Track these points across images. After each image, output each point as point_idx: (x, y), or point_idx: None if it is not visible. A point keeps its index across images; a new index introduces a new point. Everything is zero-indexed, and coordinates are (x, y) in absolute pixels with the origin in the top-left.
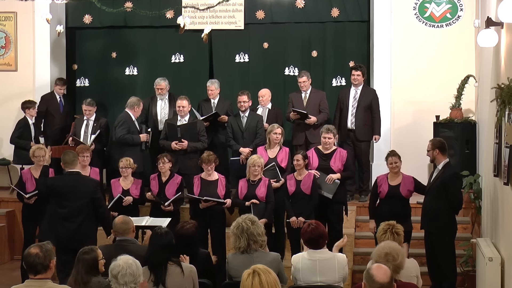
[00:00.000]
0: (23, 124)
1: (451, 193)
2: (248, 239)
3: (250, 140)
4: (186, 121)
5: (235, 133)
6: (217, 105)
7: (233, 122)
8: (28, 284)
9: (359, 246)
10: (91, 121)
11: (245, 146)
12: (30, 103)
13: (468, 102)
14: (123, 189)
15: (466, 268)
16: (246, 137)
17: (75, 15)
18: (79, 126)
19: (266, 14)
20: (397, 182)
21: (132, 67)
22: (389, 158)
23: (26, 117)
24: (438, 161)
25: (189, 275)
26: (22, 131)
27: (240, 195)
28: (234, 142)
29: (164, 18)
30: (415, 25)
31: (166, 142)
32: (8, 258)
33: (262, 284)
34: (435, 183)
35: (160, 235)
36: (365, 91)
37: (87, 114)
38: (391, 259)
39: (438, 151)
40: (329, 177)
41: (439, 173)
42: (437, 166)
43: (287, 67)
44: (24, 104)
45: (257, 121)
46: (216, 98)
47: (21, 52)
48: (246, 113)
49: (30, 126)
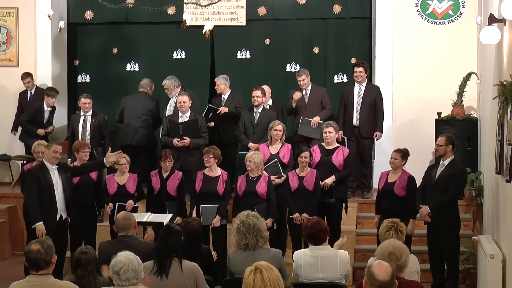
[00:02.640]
0: (37, 109)
1: (454, 185)
2: (256, 235)
3: (261, 136)
4: (187, 117)
5: (247, 128)
6: (227, 100)
7: (246, 117)
8: (30, 280)
9: (360, 243)
10: (88, 116)
11: (255, 142)
12: (52, 90)
13: (470, 99)
14: (119, 184)
15: (467, 265)
16: (257, 132)
17: (77, 11)
18: (76, 122)
19: (268, 10)
20: (393, 179)
21: (133, 63)
22: (391, 153)
23: (43, 103)
24: (447, 157)
25: (191, 273)
26: (34, 116)
27: (239, 191)
28: (244, 136)
29: (166, 14)
30: (417, 22)
31: (168, 139)
32: (9, 254)
33: (264, 281)
34: (442, 179)
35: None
36: (370, 88)
37: (86, 107)
38: (395, 259)
39: (451, 147)
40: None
41: (445, 169)
42: (443, 162)
43: (289, 64)
44: (46, 91)
45: (270, 118)
46: (226, 93)
47: (23, 48)
48: (260, 109)
49: (44, 113)
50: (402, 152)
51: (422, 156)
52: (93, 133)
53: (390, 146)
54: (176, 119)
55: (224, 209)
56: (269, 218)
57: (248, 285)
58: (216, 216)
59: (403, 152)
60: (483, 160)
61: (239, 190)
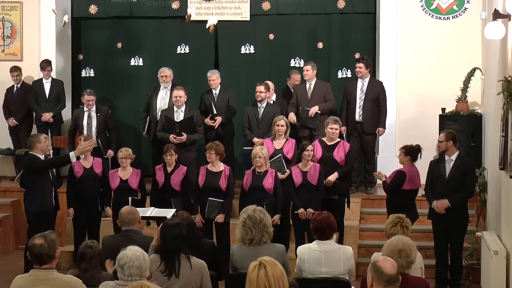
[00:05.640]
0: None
1: (470, 181)
2: (262, 230)
3: (265, 131)
4: (182, 111)
5: (251, 123)
6: (219, 95)
7: (250, 112)
8: (33, 274)
9: (364, 239)
10: (93, 112)
11: (259, 137)
12: (42, 62)
13: (474, 94)
14: (121, 179)
15: (471, 261)
16: (262, 127)
17: (81, 5)
18: (81, 118)
19: (272, 5)
20: None
21: (138, 57)
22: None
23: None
24: (451, 152)
25: (199, 270)
26: (36, 90)
27: (245, 186)
28: (249, 132)
29: (170, 9)
30: (422, 17)
31: (164, 134)
32: (13, 248)
33: (268, 276)
34: (456, 174)
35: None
36: (372, 84)
37: (89, 104)
38: (405, 256)
39: (452, 142)
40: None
41: (456, 165)
42: (450, 157)
43: (293, 59)
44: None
45: (274, 113)
46: (217, 88)
47: (27, 42)
48: (264, 104)
49: (44, 86)
50: (404, 148)
51: (426, 151)
52: (100, 128)
53: (394, 141)
54: (172, 113)
55: (228, 206)
56: (276, 214)
57: (252, 281)
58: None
59: (406, 148)
60: (487, 156)
61: (245, 185)
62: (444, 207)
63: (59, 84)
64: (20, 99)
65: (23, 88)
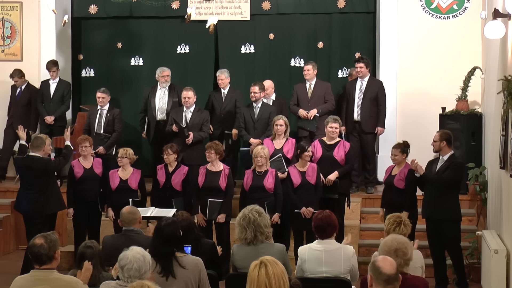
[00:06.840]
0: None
1: (448, 173)
2: (255, 230)
3: (261, 131)
4: (191, 112)
5: (247, 124)
6: (227, 94)
7: (246, 113)
8: (33, 274)
9: (364, 238)
10: (104, 111)
11: (256, 137)
12: (48, 63)
13: (474, 94)
14: (121, 179)
15: (471, 260)
16: (258, 127)
17: (81, 5)
18: (94, 116)
19: (272, 5)
20: (395, 172)
21: (138, 57)
22: (391, 150)
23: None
24: (444, 152)
25: (196, 267)
26: (42, 90)
27: (245, 186)
28: (245, 132)
29: (170, 9)
30: (422, 16)
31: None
32: (13, 248)
33: (269, 275)
34: (440, 172)
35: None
36: (371, 83)
37: (101, 101)
38: (401, 254)
39: (445, 143)
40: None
41: (444, 164)
42: (442, 157)
43: (293, 58)
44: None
45: (270, 113)
46: (226, 87)
47: (27, 42)
48: (259, 104)
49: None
50: (400, 147)
51: (426, 151)
52: (107, 127)
53: (394, 140)
54: (181, 114)
55: (227, 206)
56: (276, 213)
57: (252, 279)
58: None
59: (401, 146)
60: (487, 155)
61: (246, 185)
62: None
63: (64, 85)
64: (22, 101)
65: (27, 90)
